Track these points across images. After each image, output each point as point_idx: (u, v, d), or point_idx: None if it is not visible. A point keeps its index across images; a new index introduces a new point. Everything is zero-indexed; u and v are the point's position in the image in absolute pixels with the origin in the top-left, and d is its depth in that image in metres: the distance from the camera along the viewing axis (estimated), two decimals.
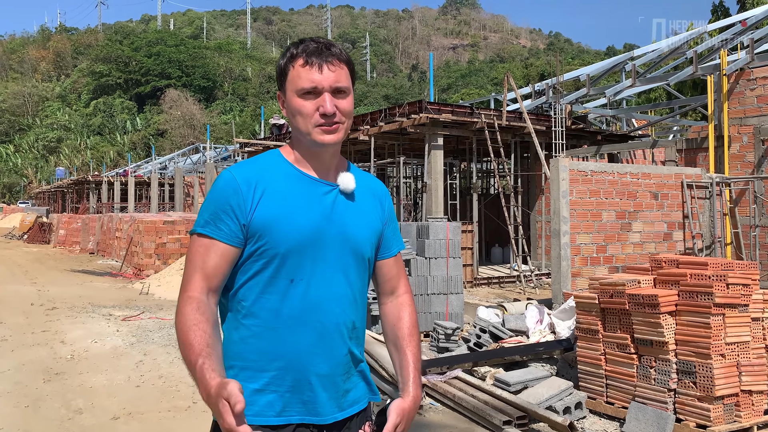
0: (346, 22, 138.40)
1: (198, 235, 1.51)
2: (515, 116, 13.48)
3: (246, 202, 1.48)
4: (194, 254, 1.50)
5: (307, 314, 1.49)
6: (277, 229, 1.48)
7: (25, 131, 73.68)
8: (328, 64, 1.51)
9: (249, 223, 1.48)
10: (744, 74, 10.04)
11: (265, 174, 1.53)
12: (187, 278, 1.49)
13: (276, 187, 1.52)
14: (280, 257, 1.48)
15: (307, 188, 1.55)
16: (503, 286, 12.19)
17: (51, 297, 11.02)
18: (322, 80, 1.50)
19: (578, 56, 79.85)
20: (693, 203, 8.65)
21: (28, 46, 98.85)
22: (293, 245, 1.49)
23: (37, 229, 29.02)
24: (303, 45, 1.54)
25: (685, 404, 4.16)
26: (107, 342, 7.40)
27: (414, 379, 1.61)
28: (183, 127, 65.26)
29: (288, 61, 1.54)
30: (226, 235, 1.48)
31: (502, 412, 4.45)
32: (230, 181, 1.50)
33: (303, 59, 1.52)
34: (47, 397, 5.27)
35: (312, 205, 1.53)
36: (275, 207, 1.49)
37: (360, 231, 1.59)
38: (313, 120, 1.51)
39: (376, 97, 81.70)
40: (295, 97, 1.52)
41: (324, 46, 1.53)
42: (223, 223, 1.48)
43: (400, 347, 1.66)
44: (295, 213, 1.50)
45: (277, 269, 1.49)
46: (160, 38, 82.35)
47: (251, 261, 1.50)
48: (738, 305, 4.19)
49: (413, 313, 1.73)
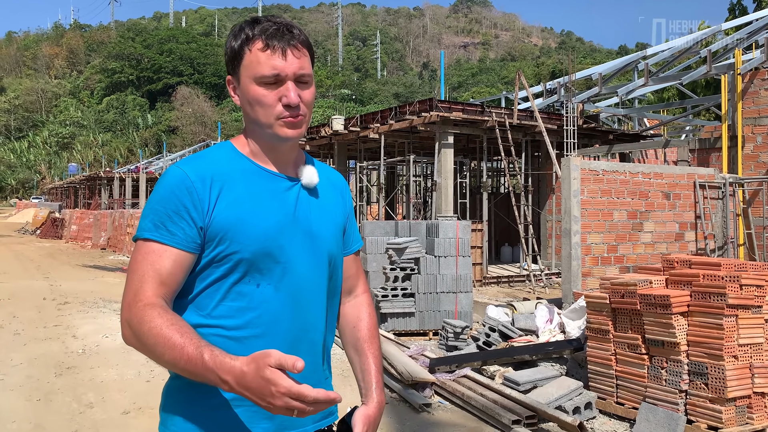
0: (357, 20, 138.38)
1: (145, 241, 1.31)
2: (526, 115, 13.41)
3: (202, 202, 1.30)
4: (143, 262, 1.29)
5: (276, 321, 1.34)
6: (240, 232, 1.31)
7: (39, 127, 74.41)
8: (291, 48, 1.33)
9: (207, 226, 1.31)
10: (759, 74, 9.94)
11: (220, 170, 1.35)
12: (136, 288, 1.27)
13: (234, 184, 1.34)
14: (245, 262, 1.32)
15: (268, 184, 1.39)
16: (513, 285, 12.15)
17: (63, 292, 11.11)
18: (285, 67, 1.32)
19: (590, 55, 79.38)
20: (705, 203, 8.57)
21: (41, 43, 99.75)
22: (258, 248, 1.32)
23: (50, 224, 29.29)
24: (260, 25, 1.35)
25: (697, 406, 4.13)
26: (118, 337, 7.45)
27: (377, 383, 1.51)
28: (194, 124, 65.59)
29: (243, 43, 1.34)
30: (181, 240, 1.29)
31: (511, 412, 4.44)
32: (182, 178, 1.31)
33: (262, 42, 1.32)
34: (59, 391, 5.32)
35: (274, 202, 1.38)
36: (235, 207, 1.33)
37: (326, 228, 1.46)
38: (276, 111, 1.33)
39: (386, 95, 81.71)
40: (253, 85, 1.33)
41: (285, 28, 1.35)
42: (176, 227, 1.29)
43: (361, 350, 1.56)
44: (258, 213, 1.34)
45: (242, 274, 1.33)
46: (172, 35, 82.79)
47: (212, 267, 1.33)
48: (751, 306, 4.15)
49: (373, 313, 1.63)
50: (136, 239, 1.34)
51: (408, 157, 14.34)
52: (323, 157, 19.86)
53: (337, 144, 16.19)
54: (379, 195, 16.67)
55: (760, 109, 9.84)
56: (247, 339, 1.32)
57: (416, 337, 7.50)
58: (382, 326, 7.47)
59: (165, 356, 1.20)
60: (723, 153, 10.15)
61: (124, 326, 1.28)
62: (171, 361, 1.19)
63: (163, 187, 1.33)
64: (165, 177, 1.34)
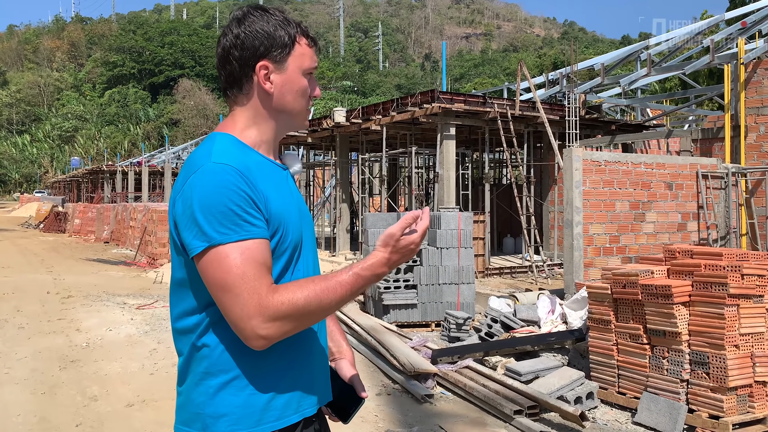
0: (359, 11, 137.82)
1: (231, 244, 1.25)
2: (528, 106, 13.37)
3: (260, 193, 1.31)
4: (241, 263, 1.24)
5: None
6: (285, 221, 1.37)
7: (41, 121, 74.45)
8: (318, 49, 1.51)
9: (269, 217, 1.33)
10: (762, 63, 9.88)
11: (247, 162, 1.35)
12: (254, 288, 1.24)
13: (262, 176, 1.36)
14: (291, 250, 1.38)
15: (276, 174, 1.43)
16: (515, 276, 12.16)
17: (66, 285, 11.16)
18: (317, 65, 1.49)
19: (593, 45, 79.01)
20: (708, 193, 8.55)
21: (42, 36, 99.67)
22: (296, 235, 1.40)
23: (53, 218, 29.35)
24: (298, 25, 1.46)
25: (698, 395, 4.14)
26: (122, 330, 7.49)
27: (344, 340, 1.66)
28: (196, 116, 65.55)
29: (295, 35, 1.43)
30: (263, 230, 1.30)
31: (513, 402, 4.46)
32: (236, 173, 1.29)
33: (307, 38, 1.45)
34: (63, 384, 5.36)
35: (287, 192, 1.43)
36: (274, 197, 1.36)
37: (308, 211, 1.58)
38: (307, 102, 1.48)
39: (388, 87, 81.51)
40: (301, 76, 1.43)
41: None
42: (254, 218, 1.28)
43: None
44: (285, 200, 1.40)
45: (288, 261, 1.38)
46: (173, 28, 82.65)
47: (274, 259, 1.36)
48: (753, 296, 4.15)
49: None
50: (212, 246, 1.24)
51: (410, 148, 14.32)
52: (325, 150, 19.84)
53: (339, 136, 16.17)
54: (381, 187, 16.67)
55: (763, 98, 9.79)
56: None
57: (419, 329, 7.52)
58: (384, 318, 7.49)
59: (333, 302, 1.29)
60: (726, 143, 10.11)
61: (268, 327, 1.24)
62: (339, 299, 1.30)
63: (220, 185, 1.26)
64: (213, 176, 1.27)
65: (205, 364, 1.34)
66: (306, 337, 1.43)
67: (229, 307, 1.25)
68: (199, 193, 1.27)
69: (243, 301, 1.23)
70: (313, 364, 1.45)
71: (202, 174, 1.29)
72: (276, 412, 1.35)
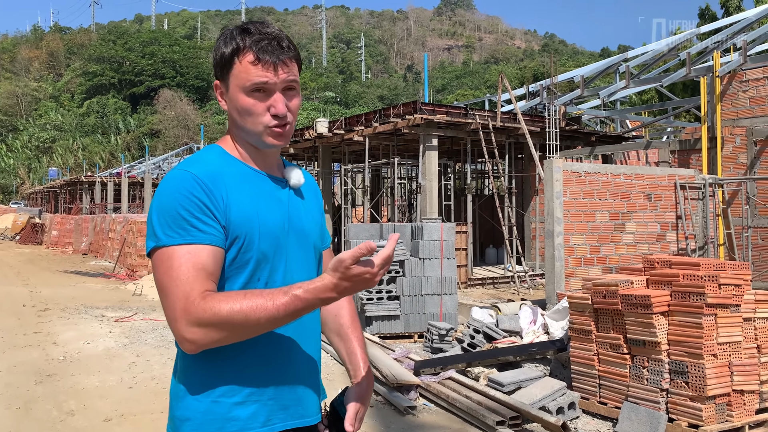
0: (341, 22, 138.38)
1: (175, 246, 1.29)
2: (509, 117, 13.50)
3: (219, 202, 1.32)
4: (179, 265, 1.27)
5: None
6: (251, 230, 1.35)
7: (18, 131, 73.33)
8: (281, 64, 1.37)
9: (227, 226, 1.33)
10: (737, 76, 10.09)
11: (222, 171, 1.37)
12: (185, 291, 1.25)
13: (236, 185, 1.38)
14: (255, 261, 1.37)
15: (263, 185, 1.43)
16: (497, 286, 12.20)
17: (43, 298, 10.96)
18: (275, 79, 1.37)
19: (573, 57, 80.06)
20: (686, 204, 8.68)
21: (20, 46, 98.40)
22: (267, 247, 1.38)
23: (30, 229, 28.87)
24: (251, 38, 1.37)
25: (678, 404, 4.18)
26: (100, 343, 7.36)
27: (364, 363, 1.60)
28: (177, 127, 65.05)
29: (234, 53, 1.37)
30: (213, 237, 1.31)
31: (496, 413, 4.46)
32: (194, 179, 1.32)
33: (253, 55, 1.36)
34: (39, 399, 5.24)
35: (272, 202, 1.43)
36: (244, 207, 1.36)
37: (312, 225, 1.53)
38: (264, 120, 1.38)
39: (371, 98, 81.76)
40: (242, 94, 1.38)
41: (276, 42, 1.38)
42: (204, 225, 1.30)
43: (345, 335, 1.63)
44: (262, 212, 1.39)
45: (251, 274, 1.37)
46: (154, 38, 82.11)
47: (224, 266, 1.36)
48: (730, 305, 4.21)
49: (351, 302, 1.71)
50: (159, 247, 1.30)
51: (392, 159, 14.36)
52: (307, 160, 19.81)
53: (321, 147, 16.17)
54: (363, 198, 16.67)
55: (738, 110, 9.99)
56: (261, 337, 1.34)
57: (401, 340, 7.50)
58: (367, 329, 7.46)
59: (262, 320, 1.23)
60: (703, 154, 10.29)
61: (192, 331, 1.25)
62: (270, 318, 1.24)
63: (178, 191, 1.31)
64: (172, 181, 1.33)
65: (179, 365, 1.40)
66: (280, 350, 1.40)
67: (164, 307, 1.29)
68: (158, 197, 1.34)
69: (172, 302, 1.26)
70: (288, 379, 1.41)
71: (165, 180, 1.37)
72: (238, 423, 1.34)
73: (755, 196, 9.48)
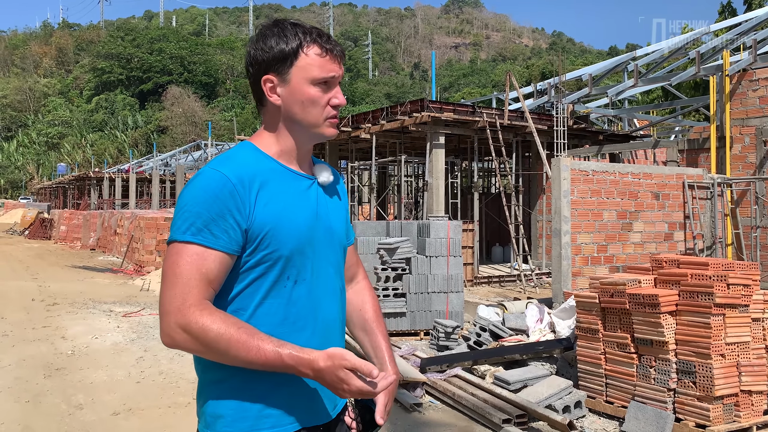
0: (349, 20, 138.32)
1: (186, 244, 1.33)
2: (517, 115, 13.46)
3: (245, 204, 1.35)
4: (187, 265, 1.32)
5: (312, 315, 1.44)
6: (279, 231, 1.38)
7: (27, 127, 73.78)
8: (342, 56, 1.47)
9: (250, 228, 1.36)
10: (746, 75, 10.03)
11: (254, 170, 1.40)
12: (184, 292, 1.30)
13: (267, 184, 1.41)
14: (284, 260, 1.39)
15: (294, 184, 1.46)
16: (504, 285, 12.19)
17: (52, 293, 11.04)
18: (339, 71, 1.46)
19: (581, 56, 79.76)
20: (694, 204, 8.64)
21: (30, 42, 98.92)
22: (295, 246, 1.40)
23: (39, 225, 29.05)
24: (311, 33, 1.44)
25: (685, 404, 4.17)
26: (108, 338, 7.41)
27: (390, 358, 1.62)
28: (184, 124, 65.28)
29: (299, 46, 1.42)
30: (225, 243, 1.34)
31: (502, 411, 4.46)
32: (223, 181, 1.34)
33: (320, 47, 1.43)
34: (48, 393, 5.29)
35: (302, 201, 1.46)
36: (273, 207, 1.39)
37: (339, 223, 1.56)
38: (326, 112, 1.46)
39: (378, 96, 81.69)
40: (308, 86, 1.42)
41: (327, 37, 1.46)
42: (220, 230, 1.33)
43: (370, 329, 1.66)
44: (292, 212, 1.42)
45: (280, 272, 1.40)
46: (163, 35, 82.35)
47: (249, 267, 1.39)
48: (738, 305, 4.19)
49: (374, 296, 1.74)
50: (173, 241, 1.35)
51: (399, 157, 14.36)
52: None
53: (328, 144, 16.18)
54: (370, 195, 16.69)
55: (747, 110, 9.93)
56: (289, 334, 1.38)
57: (407, 337, 7.51)
58: None
59: (239, 357, 1.28)
60: (711, 153, 10.24)
61: (176, 331, 1.30)
62: (246, 360, 1.28)
63: (203, 190, 1.35)
64: (203, 180, 1.36)
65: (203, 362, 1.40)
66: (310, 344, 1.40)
67: (161, 296, 1.34)
68: (185, 192, 1.38)
69: (169, 297, 1.31)
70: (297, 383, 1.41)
71: (195, 177, 1.40)
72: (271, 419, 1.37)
73: (764, 196, 9.42)
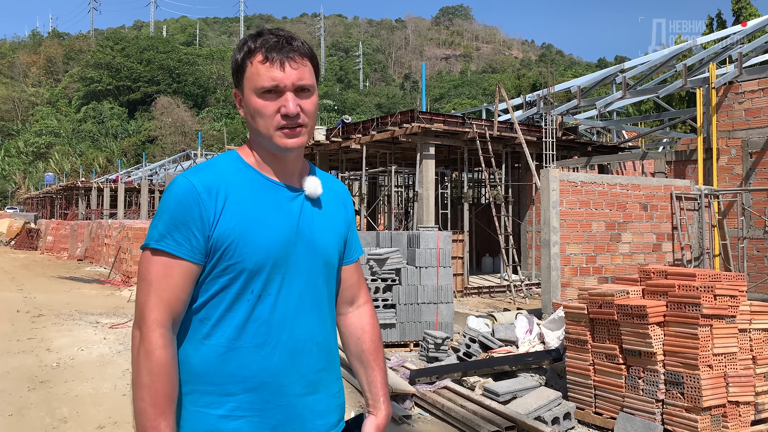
0: (340, 31, 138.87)
1: (153, 251, 1.35)
2: (506, 127, 13.54)
3: (208, 212, 1.33)
4: (151, 273, 1.34)
5: (275, 333, 1.37)
6: (244, 243, 1.34)
7: (14, 136, 73.21)
8: (290, 60, 1.37)
9: (212, 236, 1.33)
10: (732, 87, 10.15)
11: (226, 179, 1.38)
12: (143, 302, 1.33)
13: (239, 194, 1.37)
14: (248, 273, 1.35)
15: (272, 195, 1.42)
16: (493, 295, 12.20)
17: (37, 304, 10.91)
18: (284, 78, 1.36)
19: (570, 68, 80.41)
20: (682, 215, 8.70)
21: (18, 51, 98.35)
22: (261, 259, 1.35)
23: (25, 235, 28.77)
24: (262, 38, 1.39)
25: (673, 415, 4.17)
26: (94, 350, 7.32)
27: (384, 395, 1.56)
28: (174, 134, 65.04)
29: (245, 57, 1.39)
30: (187, 251, 1.33)
31: (491, 423, 4.44)
32: (188, 189, 1.34)
33: (262, 55, 1.37)
34: (32, 406, 5.21)
35: (279, 213, 1.40)
36: (240, 218, 1.35)
37: (328, 238, 1.49)
38: (275, 122, 1.38)
39: (368, 106, 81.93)
40: (254, 97, 1.38)
41: (285, 40, 1.39)
42: (183, 237, 1.33)
43: (367, 362, 1.58)
44: (262, 224, 1.37)
45: (243, 285, 1.36)
46: (152, 45, 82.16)
47: (213, 277, 1.36)
48: (725, 316, 4.21)
49: (376, 324, 1.64)
50: (144, 248, 1.37)
51: (390, 167, 14.37)
52: None
53: (318, 154, 16.18)
54: (360, 205, 16.68)
55: (734, 122, 10.05)
56: (246, 349, 1.35)
57: (397, 349, 7.48)
58: None
59: (140, 391, 1.28)
60: (699, 165, 10.33)
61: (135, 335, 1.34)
62: (140, 399, 1.28)
63: (170, 197, 1.36)
64: (172, 187, 1.37)
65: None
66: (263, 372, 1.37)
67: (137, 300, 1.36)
68: (161, 199, 1.41)
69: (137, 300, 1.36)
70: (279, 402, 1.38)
71: (169, 184, 1.42)
72: None
73: (750, 207, 9.51)
